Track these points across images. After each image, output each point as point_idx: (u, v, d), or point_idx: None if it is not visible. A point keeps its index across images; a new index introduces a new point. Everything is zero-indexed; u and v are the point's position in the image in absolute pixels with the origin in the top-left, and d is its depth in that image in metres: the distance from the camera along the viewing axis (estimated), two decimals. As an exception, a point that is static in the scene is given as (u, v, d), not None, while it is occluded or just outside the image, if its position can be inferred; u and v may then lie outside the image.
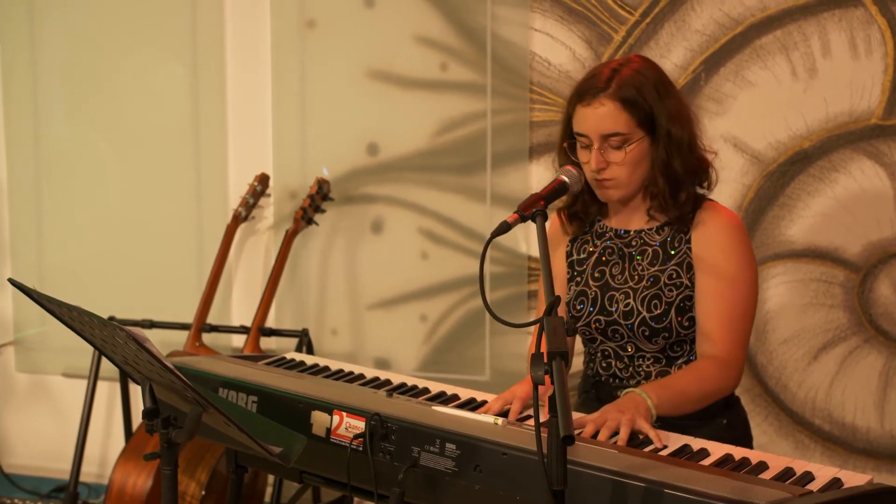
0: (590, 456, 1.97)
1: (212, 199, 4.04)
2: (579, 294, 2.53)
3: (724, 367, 2.38)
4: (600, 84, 2.39)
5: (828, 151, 3.37)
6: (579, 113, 2.40)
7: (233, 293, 4.08)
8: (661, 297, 2.41)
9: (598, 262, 2.53)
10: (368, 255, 3.89)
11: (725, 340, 2.38)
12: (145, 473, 3.44)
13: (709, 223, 2.42)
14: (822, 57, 3.34)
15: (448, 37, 3.70)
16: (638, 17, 3.49)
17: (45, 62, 4.23)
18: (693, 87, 3.46)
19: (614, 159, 2.37)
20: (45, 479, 4.36)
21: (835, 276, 3.40)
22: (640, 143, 2.37)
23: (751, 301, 2.43)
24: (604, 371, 2.55)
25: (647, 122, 2.37)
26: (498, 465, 2.02)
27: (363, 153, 3.85)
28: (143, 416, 2.19)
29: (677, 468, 1.95)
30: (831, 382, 3.43)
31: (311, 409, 2.31)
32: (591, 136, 2.38)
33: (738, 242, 2.41)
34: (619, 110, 2.35)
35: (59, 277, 4.27)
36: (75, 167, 4.24)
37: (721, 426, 2.49)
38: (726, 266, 2.39)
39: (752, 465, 2.05)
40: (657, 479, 1.86)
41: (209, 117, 4.01)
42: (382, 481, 2.17)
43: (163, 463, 2.20)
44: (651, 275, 2.44)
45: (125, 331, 1.95)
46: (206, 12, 3.98)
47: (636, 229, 2.50)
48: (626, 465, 1.93)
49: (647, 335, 2.43)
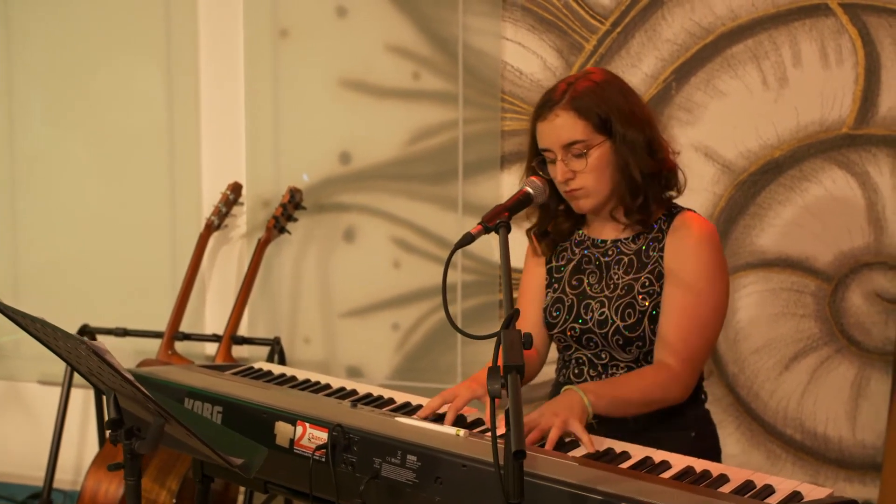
0: (550, 468, 1.96)
1: (185, 208, 4.03)
2: (556, 301, 2.53)
3: (672, 377, 2.37)
4: (556, 97, 2.40)
5: (799, 161, 3.38)
6: (539, 130, 2.42)
7: (206, 301, 4.07)
8: (634, 307, 2.41)
9: (576, 270, 2.53)
10: (341, 263, 3.89)
11: (679, 351, 2.37)
12: (117, 481, 3.42)
13: (682, 233, 2.41)
14: (793, 66, 3.36)
15: (420, 46, 3.70)
16: (609, 27, 3.50)
17: (21, 67, 4.22)
18: (664, 97, 3.46)
19: (578, 168, 2.37)
20: (22, 485, 4.34)
21: (806, 285, 3.40)
22: (601, 147, 2.37)
23: (715, 315, 2.42)
24: (575, 378, 2.54)
25: (605, 126, 2.37)
26: (458, 477, 2.01)
27: (336, 162, 3.84)
28: (105, 426, 2.20)
29: (637, 481, 1.94)
30: (803, 392, 3.44)
31: (275, 420, 2.30)
32: (553, 148, 2.38)
33: (708, 254, 2.40)
34: (574, 118, 2.36)
35: (33, 284, 4.26)
36: (49, 173, 4.23)
37: (689, 438, 2.49)
38: (693, 278, 2.38)
39: (713, 478, 2.04)
40: (616, 492, 1.85)
41: (183, 125, 4.01)
42: (345, 492, 2.16)
43: (126, 474, 2.19)
44: (625, 283, 2.44)
45: (86, 343, 1.95)
46: (180, 19, 3.97)
47: (612, 238, 2.50)
48: (585, 477, 1.92)
49: (620, 344, 2.43)
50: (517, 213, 2.36)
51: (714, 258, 2.41)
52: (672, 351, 2.38)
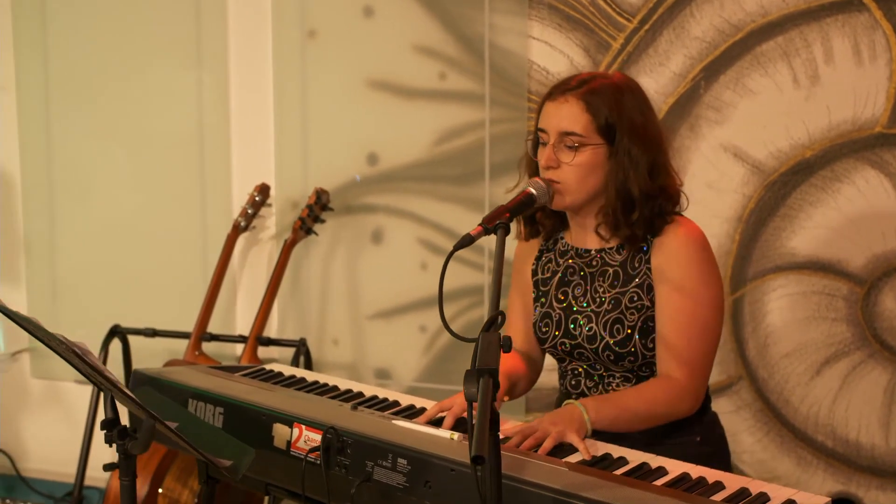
0: (536, 473, 1.93)
1: (216, 210, 4.05)
2: (544, 316, 2.49)
3: (681, 391, 2.32)
4: (571, 84, 2.36)
5: (830, 161, 3.29)
6: (545, 108, 2.37)
7: (237, 302, 4.09)
8: (622, 322, 2.36)
9: (561, 283, 2.48)
10: (369, 265, 3.88)
11: (685, 361, 2.31)
12: (141, 480, 3.45)
13: (669, 239, 2.34)
14: (825, 63, 3.27)
15: (447, 46, 3.68)
16: (636, 25, 3.44)
17: (57, 75, 4.28)
18: (692, 96, 3.40)
19: (565, 159, 2.31)
20: (60, 483, 4.40)
21: (838, 288, 3.31)
22: (596, 150, 2.31)
23: (714, 316, 2.35)
24: (573, 389, 2.51)
25: (608, 132, 2.31)
26: (447, 481, 1.98)
27: (363, 163, 3.83)
28: (100, 426, 2.21)
29: (626, 488, 1.90)
30: (834, 398, 3.35)
31: (273, 422, 2.30)
32: (549, 131, 2.33)
33: (698, 258, 2.33)
34: (581, 111, 2.31)
35: (70, 286, 4.33)
36: (85, 177, 4.29)
37: (694, 443, 2.43)
38: (686, 282, 2.31)
39: (708, 485, 1.99)
40: (600, 498, 1.82)
41: (213, 128, 4.03)
42: (339, 495, 2.15)
43: (121, 474, 2.20)
44: (612, 297, 2.38)
45: (66, 343, 1.96)
46: (211, 22, 3.99)
47: (597, 248, 2.44)
48: (570, 483, 1.89)
49: (612, 359, 2.38)
50: (519, 215, 2.35)
51: (704, 261, 2.34)
52: (677, 362, 2.32)
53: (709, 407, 2.52)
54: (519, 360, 2.57)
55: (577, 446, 2.13)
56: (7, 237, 4.45)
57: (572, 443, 2.14)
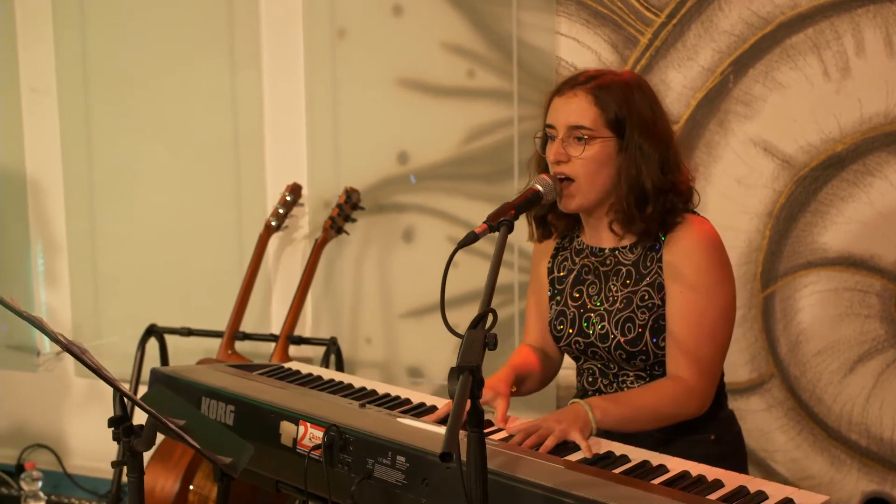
0: (530, 471, 1.92)
1: (251, 210, 4.10)
2: (559, 314, 2.47)
3: (688, 392, 2.28)
4: (580, 79, 2.34)
5: (862, 155, 3.22)
6: (553, 104, 2.35)
7: (272, 302, 4.13)
8: (634, 321, 2.33)
9: (577, 281, 2.46)
10: (400, 263, 3.89)
11: (694, 362, 2.28)
12: (172, 477, 3.50)
13: (681, 238, 2.30)
14: (856, 55, 3.20)
15: (475, 44, 3.68)
16: (664, 19, 3.40)
17: (95, 78, 4.37)
18: (721, 90, 3.35)
19: (574, 153, 2.29)
20: (104, 479, 4.48)
21: (871, 285, 3.25)
22: (605, 143, 2.28)
23: (723, 318, 2.31)
24: (590, 386, 2.49)
25: (618, 125, 2.28)
26: (444, 478, 1.98)
27: (393, 162, 3.85)
28: (108, 424, 2.25)
29: (620, 486, 1.88)
30: (868, 396, 3.28)
31: (280, 420, 2.32)
32: (558, 126, 2.31)
33: (710, 257, 2.29)
34: (589, 104, 2.28)
35: (111, 286, 4.41)
36: (123, 178, 4.37)
37: (708, 441, 2.40)
38: (697, 280, 2.27)
39: (707, 483, 1.96)
40: (590, 496, 1.80)
41: (247, 128, 4.08)
42: (341, 492, 2.16)
43: (129, 470, 2.24)
44: (624, 296, 2.36)
45: (61, 341, 1.99)
46: (243, 23, 4.04)
47: (611, 247, 2.41)
48: (564, 481, 1.87)
49: (624, 358, 2.36)
50: (525, 212, 2.34)
51: (715, 260, 2.30)
52: (685, 362, 2.29)
53: (725, 405, 2.49)
54: (533, 357, 2.56)
55: (580, 444, 2.12)
56: (50, 239, 4.54)
57: (575, 441, 2.12)
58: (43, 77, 4.45)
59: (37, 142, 4.53)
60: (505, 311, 3.74)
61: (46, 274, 4.58)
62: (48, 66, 4.41)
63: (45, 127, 4.48)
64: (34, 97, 4.50)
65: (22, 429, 4.70)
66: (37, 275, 4.60)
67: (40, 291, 4.60)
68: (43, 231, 4.56)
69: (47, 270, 4.57)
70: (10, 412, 4.71)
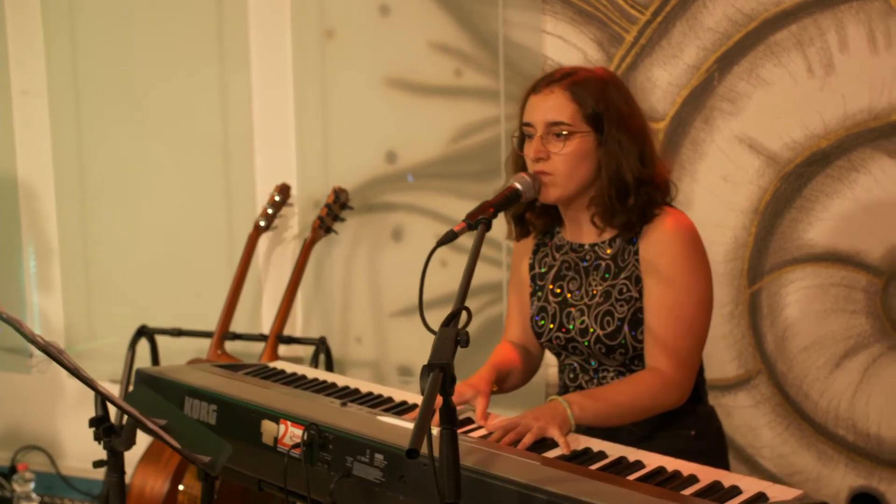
0: (505, 467, 1.93)
1: (241, 211, 4.11)
2: (540, 310, 2.49)
3: (666, 383, 2.30)
4: (556, 76, 2.36)
5: (847, 151, 3.23)
6: (529, 102, 2.37)
7: (263, 302, 4.14)
8: (613, 314, 2.35)
9: (558, 277, 2.48)
10: (390, 263, 3.90)
11: (672, 354, 2.29)
12: (162, 478, 3.51)
13: (657, 231, 2.32)
14: (840, 52, 3.21)
15: (461, 42, 3.69)
16: (649, 17, 3.41)
17: (85, 81, 4.38)
18: (706, 87, 3.36)
19: (554, 149, 2.31)
20: (97, 480, 4.49)
21: (856, 280, 3.25)
22: (584, 137, 2.30)
23: (700, 310, 2.32)
24: (570, 383, 2.50)
25: (596, 119, 2.30)
26: (421, 475, 1.99)
27: (382, 161, 3.86)
28: (89, 424, 2.26)
29: (594, 482, 1.89)
30: (855, 391, 3.28)
31: (262, 419, 2.33)
32: (535, 123, 2.33)
33: (686, 250, 2.31)
34: (566, 100, 2.30)
35: (103, 287, 4.42)
36: (114, 180, 4.37)
37: (688, 437, 2.41)
38: (672, 275, 2.29)
39: (682, 478, 1.98)
40: (563, 492, 1.81)
41: (237, 129, 4.09)
42: (322, 490, 2.17)
43: (109, 470, 2.25)
44: (603, 290, 2.38)
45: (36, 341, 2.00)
46: (232, 25, 4.05)
47: (590, 242, 2.43)
48: (538, 477, 1.88)
49: (603, 352, 2.37)
50: (504, 210, 2.35)
51: (691, 252, 2.31)
52: (662, 355, 2.31)
53: (705, 401, 2.50)
54: (514, 353, 2.57)
55: (558, 441, 2.12)
56: (42, 242, 4.56)
57: (553, 437, 2.13)
58: (34, 80, 4.47)
59: (28, 144, 4.55)
60: (494, 309, 3.75)
61: (39, 277, 4.59)
62: (39, 69, 4.43)
63: (36, 130, 4.50)
64: (25, 100, 4.51)
65: (15, 430, 4.71)
66: (29, 277, 4.61)
67: (33, 294, 4.62)
68: (35, 234, 4.58)
69: (40, 273, 4.58)
70: (4, 414, 4.72)
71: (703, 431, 2.44)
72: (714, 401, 3.38)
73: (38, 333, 2.08)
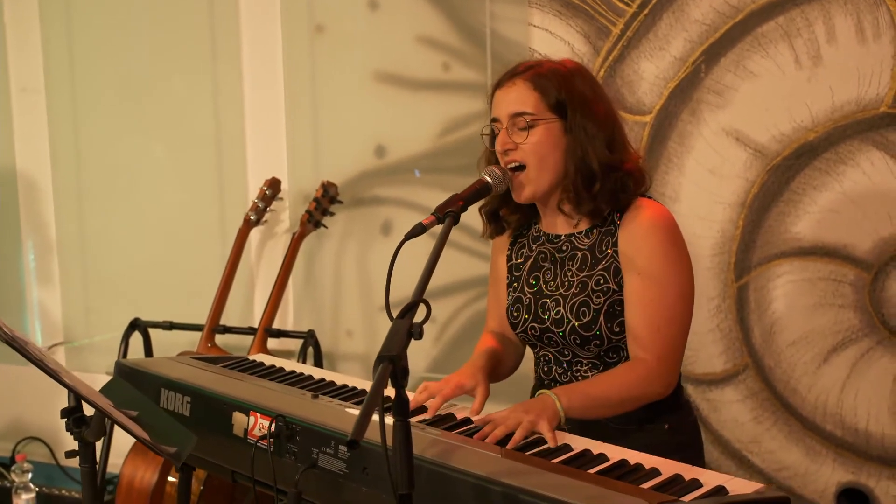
0: (465, 459, 1.93)
1: (233, 205, 4.12)
2: (516, 301, 2.48)
3: (651, 373, 2.28)
4: (519, 69, 2.36)
5: (835, 143, 3.21)
6: (495, 98, 2.38)
7: (255, 295, 4.15)
8: (589, 305, 2.33)
9: (533, 268, 2.47)
10: (379, 256, 3.90)
11: (655, 345, 2.28)
12: (152, 469, 3.53)
13: (635, 224, 2.31)
14: (827, 43, 3.19)
15: (449, 36, 3.68)
16: (636, 9, 3.40)
17: (82, 78, 4.40)
18: (693, 80, 3.34)
19: (519, 140, 2.30)
20: (97, 473, 4.52)
21: (844, 274, 3.23)
22: (549, 126, 2.29)
23: (681, 301, 2.31)
24: (545, 375, 2.49)
25: (559, 107, 2.30)
26: (383, 467, 1.99)
27: (371, 155, 3.86)
28: (60, 415, 2.28)
29: (552, 474, 1.89)
30: (843, 386, 3.26)
31: (233, 410, 2.34)
32: (501, 117, 2.33)
33: (665, 242, 2.29)
34: (529, 90, 2.30)
35: (99, 281, 4.45)
36: (110, 176, 4.41)
37: (663, 431, 2.40)
38: (652, 266, 2.28)
39: (644, 471, 1.97)
40: (518, 484, 1.80)
41: (229, 124, 4.10)
42: (289, 481, 2.17)
43: (81, 461, 2.27)
44: (580, 281, 2.36)
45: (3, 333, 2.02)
46: (223, 21, 4.07)
47: (567, 233, 2.42)
48: (497, 469, 1.88)
49: (578, 343, 2.36)
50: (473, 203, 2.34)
51: (670, 243, 2.30)
52: (644, 345, 2.30)
53: (680, 395, 2.48)
54: (498, 344, 2.58)
55: (546, 436, 2.11)
56: (41, 237, 4.59)
57: (542, 432, 2.12)
58: (32, 77, 4.50)
59: (27, 141, 4.58)
60: (483, 303, 3.74)
61: (38, 272, 4.62)
62: (37, 67, 4.45)
63: (34, 126, 4.53)
64: (24, 97, 4.54)
65: (16, 422, 4.74)
66: (28, 272, 4.64)
67: (32, 289, 4.65)
68: (34, 229, 4.61)
69: (39, 268, 4.61)
70: (5, 405, 4.76)
71: (678, 425, 2.42)
72: (701, 395, 3.38)
73: (38, 326, 2.09)
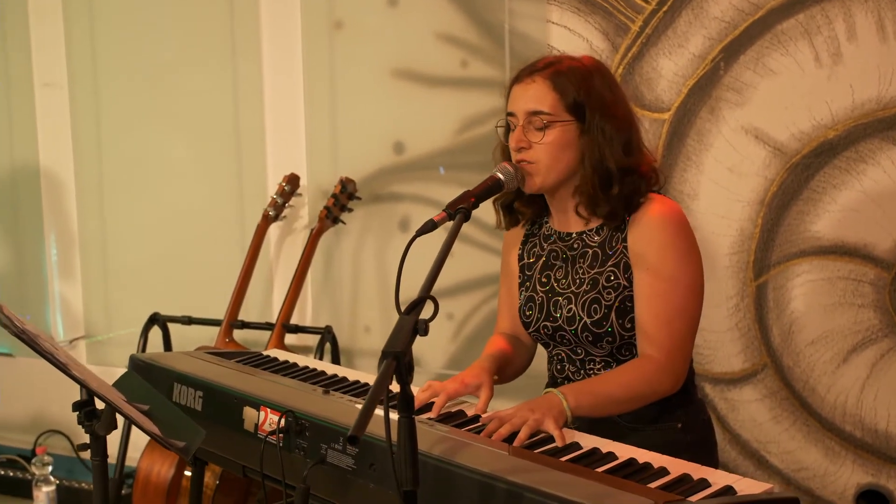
0: (472, 456, 1.93)
1: (253, 201, 4.14)
2: (528, 300, 2.48)
3: (659, 369, 2.27)
4: (538, 65, 2.34)
5: (855, 141, 3.17)
6: (512, 92, 2.37)
7: (273, 291, 4.16)
8: (600, 302, 2.32)
9: (545, 267, 2.46)
10: (397, 252, 3.87)
11: (663, 341, 2.27)
12: (168, 463, 3.55)
13: (644, 220, 2.30)
14: (848, 41, 3.15)
15: (468, 33, 3.68)
16: (655, 6, 3.37)
17: (104, 75, 4.44)
18: (712, 77, 3.32)
19: (535, 139, 2.29)
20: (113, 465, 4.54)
21: (864, 273, 3.20)
22: (566, 127, 2.28)
23: (691, 297, 2.30)
24: (558, 374, 2.49)
25: (577, 109, 2.28)
26: (390, 463, 1.99)
27: (390, 152, 3.86)
28: (72, 408, 2.29)
29: (558, 472, 1.88)
30: (862, 387, 3.23)
31: (244, 405, 2.35)
32: (517, 113, 2.32)
33: (674, 237, 2.28)
34: (548, 89, 2.29)
35: (120, 276, 4.48)
36: (130, 172, 4.44)
37: (675, 429, 2.38)
38: (661, 262, 2.27)
39: (652, 470, 1.95)
40: (523, 482, 1.80)
41: (249, 120, 4.12)
42: (298, 477, 2.18)
43: (92, 454, 2.28)
44: (591, 278, 2.36)
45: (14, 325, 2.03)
46: (244, 16, 4.08)
47: (578, 231, 2.41)
48: (503, 467, 1.88)
49: (590, 340, 2.35)
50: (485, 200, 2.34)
51: (679, 238, 2.29)
52: (653, 342, 2.28)
53: (693, 392, 2.47)
54: (508, 345, 2.56)
55: (553, 434, 2.10)
56: (63, 231, 4.62)
57: (548, 430, 2.11)
58: (55, 72, 4.53)
59: (50, 136, 4.61)
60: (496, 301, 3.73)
61: (60, 266, 4.65)
62: (60, 62, 4.49)
63: (57, 121, 4.56)
64: (47, 92, 4.57)
65: (38, 415, 4.78)
66: (51, 266, 4.67)
67: (54, 283, 4.68)
68: (56, 223, 4.64)
69: (61, 262, 4.64)
70: (27, 398, 4.79)
71: (690, 424, 2.41)
72: (719, 395, 3.36)
73: (60, 320, 2.11)
